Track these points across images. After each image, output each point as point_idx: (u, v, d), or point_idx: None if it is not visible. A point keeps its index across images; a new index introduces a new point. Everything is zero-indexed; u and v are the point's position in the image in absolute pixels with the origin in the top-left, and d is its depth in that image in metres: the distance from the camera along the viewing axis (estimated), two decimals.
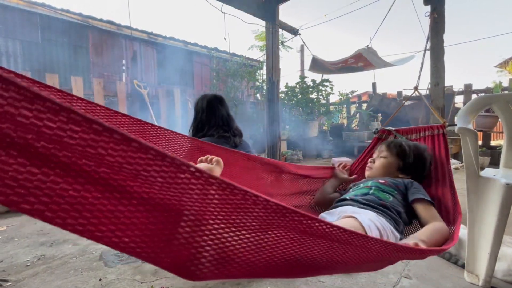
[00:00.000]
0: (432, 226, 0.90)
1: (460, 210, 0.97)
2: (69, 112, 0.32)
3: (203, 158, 0.94)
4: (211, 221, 0.41)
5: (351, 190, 1.15)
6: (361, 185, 1.12)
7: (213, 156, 0.92)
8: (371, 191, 1.01)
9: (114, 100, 4.29)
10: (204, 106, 1.67)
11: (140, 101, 4.63)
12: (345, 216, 0.87)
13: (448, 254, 1.38)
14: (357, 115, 6.93)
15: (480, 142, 4.66)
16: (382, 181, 1.07)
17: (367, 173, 1.20)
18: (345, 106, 7.14)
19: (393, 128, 1.36)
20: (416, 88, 1.54)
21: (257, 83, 6.14)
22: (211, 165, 0.89)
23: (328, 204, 1.21)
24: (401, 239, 0.87)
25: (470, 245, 1.17)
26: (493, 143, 5.10)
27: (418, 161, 1.12)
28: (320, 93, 6.08)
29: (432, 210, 0.97)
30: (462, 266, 1.26)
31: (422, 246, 0.74)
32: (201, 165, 0.90)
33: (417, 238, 0.81)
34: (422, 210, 0.97)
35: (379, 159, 1.18)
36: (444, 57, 1.91)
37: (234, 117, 1.76)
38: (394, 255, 0.64)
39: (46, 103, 0.31)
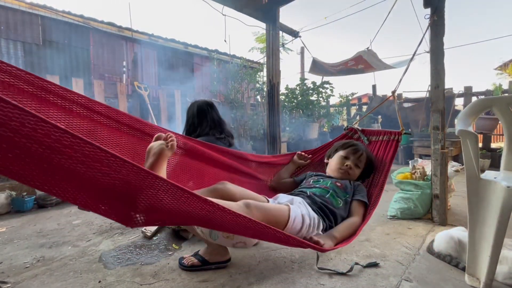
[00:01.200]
0: (348, 222, 1.16)
1: (377, 205, 1.22)
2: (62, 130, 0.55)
3: (163, 135, 1.09)
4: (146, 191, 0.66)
5: (311, 181, 1.34)
6: (321, 181, 1.32)
7: (172, 136, 1.08)
8: (327, 195, 1.21)
9: (114, 101, 4.29)
10: (195, 111, 1.73)
11: (140, 102, 4.64)
12: (286, 204, 1.09)
13: (448, 257, 1.38)
14: (357, 117, 6.92)
15: (480, 145, 4.66)
16: (339, 184, 1.29)
17: (342, 175, 1.36)
18: (345, 108, 7.15)
19: (360, 128, 1.58)
20: (393, 93, 1.59)
21: (258, 85, 6.15)
22: (166, 147, 1.05)
23: (283, 187, 1.48)
24: (322, 232, 1.10)
25: (470, 248, 1.17)
26: (493, 145, 5.09)
27: (370, 170, 1.41)
28: (320, 95, 6.08)
29: (361, 208, 1.24)
30: (463, 269, 1.26)
31: (329, 242, 1.00)
32: (157, 143, 1.06)
33: (329, 235, 1.06)
34: (354, 206, 1.24)
35: (358, 168, 1.38)
36: (444, 60, 1.91)
37: (228, 121, 1.83)
38: (300, 245, 0.90)
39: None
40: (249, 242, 1.36)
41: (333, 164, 1.42)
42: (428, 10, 1.94)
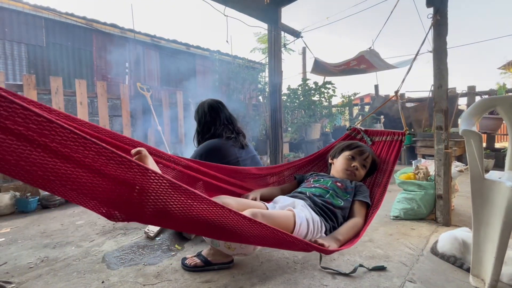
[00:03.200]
0: (350, 223, 1.14)
1: (380, 206, 1.20)
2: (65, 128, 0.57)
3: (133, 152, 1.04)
4: (151, 191, 0.66)
5: (311, 181, 1.34)
6: (322, 180, 1.31)
7: (137, 150, 1.04)
8: (327, 195, 1.20)
9: (117, 102, 4.31)
10: (206, 109, 1.68)
11: (143, 103, 4.66)
12: (289, 209, 1.09)
13: (453, 258, 1.37)
14: (360, 117, 6.90)
15: (484, 145, 4.63)
16: (340, 184, 1.27)
17: (349, 176, 1.34)
18: (347, 108, 7.12)
19: (363, 129, 1.57)
20: (396, 93, 1.57)
21: (259, 86, 6.15)
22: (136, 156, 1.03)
23: (286, 191, 1.43)
24: (325, 234, 1.09)
25: (475, 249, 1.16)
26: (497, 145, 5.05)
27: (372, 171, 1.41)
28: (322, 96, 6.07)
29: (363, 209, 1.22)
30: (467, 270, 1.25)
31: (333, 244, 1.00)
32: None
33: (333, 237, 1.05)
34: (356, 207, 1.22)
35: (364, 169, 1.37)
36: (447, 59, 1.90)
37: (236, 118, 1.78)
38: (305, 248, 0.92)
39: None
40: (249, 253, 1.35)
41: (338, 164, 1.40)
42: (431, 10, 1.93)
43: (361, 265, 1.34)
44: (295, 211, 1.06)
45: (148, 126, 4.68)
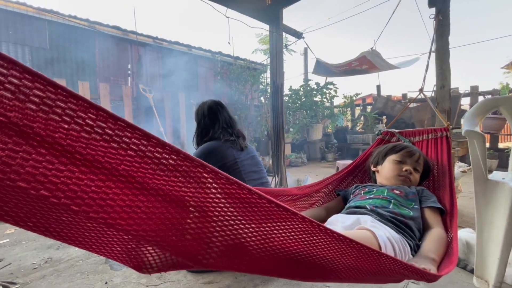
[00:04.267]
0: (434, 236, 0.93)
1: (456, 212, 1.02)
2: (95, 106, 0.35)
3: None
4: (216, 212, 0.43)
5: (362, 193, 1.15)
6: (374, 190, 1.11)
7: None
8: (391, 205, 1.00)
9: (120, 104, 4.34)
10: (205, 111, 1.68)
11: (145, 105, 4.68)
12: (362, 228, 0.86)
13: (457, 259, 1.36)
14: (362, 118, 6.89)
15: (487, 145, 4.60)
16: (398, 191, 1.07)
17: (403, 183, 1.14)
18: (349, 108, 7.11)
19: (396, 131, 1.38)
20: (421, 90, 1.52)
21: (261, 86, 6.16)
22: None
23: (331, 211, 1.21)
24: (412, 255, 0.87)
25: (479, 250, 1.15)
26: (501, 145, 5.02)
27: (427, 172, 1.20)
28: (324, 96, 6.07)
29: (437, 216, 1.02)
30: (471, 271, 1.24)
31: (433, 267, 0.77)
32: None
33: (427, 257, 0.83)
34: (429, 215, 1.01)
35: (417, 172, 1.17)
36: (449, 59, 1.89)
37: (236, 120, 1.77)
38: (404, 274, 0.68)
39: (60, 91, 0.33)
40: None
41: (386, 171, 1.19)
42: (433, 10, 1.93)
43: None
44: (372, 230, 0.83)
45: (150, 128, 4.71)
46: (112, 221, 0.38)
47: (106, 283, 1.29)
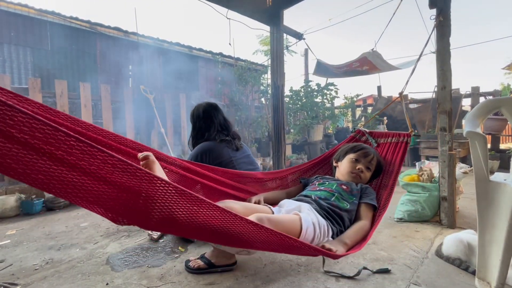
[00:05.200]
0: (357, 226, 1.13)
1: (387, 207, 1.20)
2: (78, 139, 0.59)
3: (139, 156, 1.04)
4: (157, 198, 0.66)
5: (316, 184, 1.33)
6: (327, 183, 1.30)
7: (143, 154, 1.04)
8: (333, 198, 1.19)
9: (121, 105, 4.35)
10: (200, 114, 1.71)
11: (146, 106, 4.69)
12: (295, 213, 1.07)
13: (458, 261, 1.35)
14: (363, 119, 6.88)
15: (489, 146, 4.58)
16: (345, 187, 1.26)
17: (354, 179, 1.33)
18: (350, 109, 7.10)
19: (367, 130, 1.58)
20: (400, 94, 1.57)
21: (262, 87, 6.16)
22: (143, 162, 1.02)
23: (291, 195, 1.41)
24: (332, 237, 1.08)
25: (480, 251, 1.14)
26: (502, 146, 5.00)
27: (377, 173, 1.40)
28: (325, 97, 6.06)
29: (369, 211, 1.21)
30: (473, 273, 1.24)
31: (340, 249, 0.99)
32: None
33: (340, 241, 1.04)
34: (363, 210, 1.20)
35: (369, 171, 1.36)
36: (450, 60, 1.89)
37: (232, 122, 1.80)
38: (312, 252, 0.92)
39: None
40: (252, 252, 1.34)
41: (343, 167, 1.39)
42: (433, 11, 1.93)
43: (365, 268, 1.33)
44: (301, 215, 1.05)
45: (151, 128, 4.71)
46: (91, 199, 0.62)
47: (107, 284, 1.28)
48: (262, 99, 6.48)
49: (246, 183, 1.48)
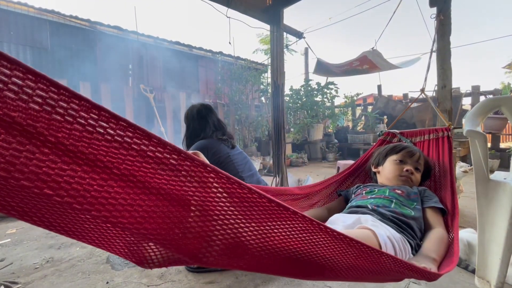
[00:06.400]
0: (435, 236, 0.93)
1: (458, 212, 1.04)
2: (97, 106, 0.35)
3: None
4: (216, 212, 0.43)
5: (364, 193, 1.14)
6: (376, 190, 1.11)
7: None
8: (393, 205, 1.00)
9: (121, 104, 4.35)
10: (194, 115, 1.73)
11: (146, 105, 4.69)
12: (363, 227, 0.86)
13: (458, 259, 1.35)
14: (363, 118, 6.88)
15: (489, 145, 4.58)
16: (399, 191, 1.06)
17: (404, 183, 1.14)
18: (350, 108, 7.10)
19: (397, 131, 1.39)
20: (422, 90, 1.52)
21: (262, 87, 6.16)
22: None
23: (332, 211, 1.21)
24: (412, 254, 0.88)
25: (480, 250, 1.14)
26: (502, 145, 5.00)
27: (428, 172, 1.20)
28: (325, 96, 6.06)
29: (439, 216, 1.03)
30: (473, 271, 1.24)
31: (433, 267, 0.77)
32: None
33: (427, 257, 0.83)
34: (431, 216, 1.01)
35: (418, 172, 1.17)
36: (451, 59, 1.89)
37: (232, 122, 1.81)
38: (405, 273, 0.68)
39: (62, 91, 0.33)
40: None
41: (387, 172, 1.19)
42: (434, 10, 1.92)
43: None
44: (374, 230, 0.82)
45: (151, 128, 4.72)
46: (114, 220, 0.38)
47: (107, 282, 1.29)
48: (262, 98, 6.48)
49: (283, 201, 1.37)
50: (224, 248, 0.45)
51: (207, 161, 0.90)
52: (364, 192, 1.15)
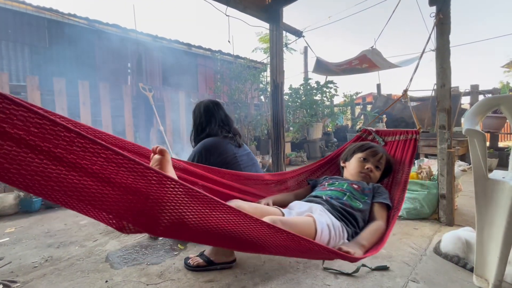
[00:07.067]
0: (373, 227, 1.08)
1: (401, 207, 1.17)
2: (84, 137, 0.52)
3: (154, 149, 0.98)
4: (166, 200, 0.60)
5: (326, 184, 1.29)
6: (336, 183, 1.26)
7: (158, 146, 0.98)
8: (345, 197, 1.15)
9: (120, 103, 4.33)
10: (202, 111, 1.72)
11: (145, 104, 4.68)
12: (309, 215, 1.03)
13: (456, 258, 1.36)
14: (362, 117, 6.88)
15: (487, 144, 4.59)
16: (356, 186, 1.21)
17: (363, 179, 1.29)
18: (349, 107, 7.10)
19: (373, 129, 1.54)
20: (405, 91, 1.57)
21: (261, 85, 6.15)
22: (159, 156, 0.96)
23: (300, 196, 1.36)
24: (348, 239, 1.03)
25: (479, 248, 1.15)
26: (501, 144, 5.02)
27: (387, 172, 1.35)
28: (324, 95, 6.05)
29: (383, 211, 1.16)
30: (471, 270, 1.24)
31: (358, 251, 0.93)
32: (153, 158, 0.98)
33: (358, 243, 0.98)
34: (376, 209, 1.15)
35: (378, 170, 1.32)
36: (450, 58, 1.89)
37: (233, 119, 1.79)
38: (330, 255, 0.88)
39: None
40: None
41: (351, 167, 1.34)
42: (433, 8, 1.92)
43: (363, 265, 1.34)
44: (314, 217, 0.99)
45: (150, 126, 4.70)
46: (94, 203, 0.55)
47: (106, 281, 1.29)
48: (262, 97, 6.47)
49: (253, 186, 1.43)
50: (171, 223, 0.61)
51: (170, 163, 1.00)
52: (326, 183, 1.30)
